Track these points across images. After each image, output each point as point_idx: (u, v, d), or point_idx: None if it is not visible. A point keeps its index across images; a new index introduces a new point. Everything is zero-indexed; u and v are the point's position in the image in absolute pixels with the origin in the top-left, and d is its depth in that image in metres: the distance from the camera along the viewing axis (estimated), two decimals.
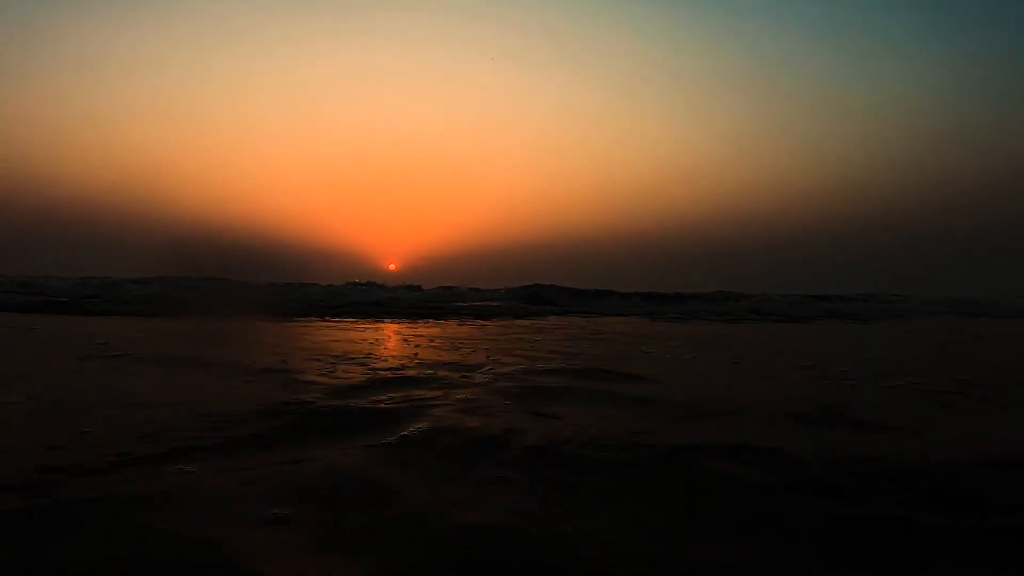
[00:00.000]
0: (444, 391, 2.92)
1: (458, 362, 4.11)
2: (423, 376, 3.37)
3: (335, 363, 3.86)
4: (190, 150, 27.96)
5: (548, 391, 2.99)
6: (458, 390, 2.96)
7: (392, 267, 23.80)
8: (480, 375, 3.49)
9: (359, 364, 3.86)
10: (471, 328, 8.23)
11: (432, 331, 7.57)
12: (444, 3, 31.01)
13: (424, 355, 4.55)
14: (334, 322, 8.86)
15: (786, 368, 4.31)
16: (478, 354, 4.67)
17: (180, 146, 27.79)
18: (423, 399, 2.72)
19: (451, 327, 8.43)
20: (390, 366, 3.84)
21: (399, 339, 6.19)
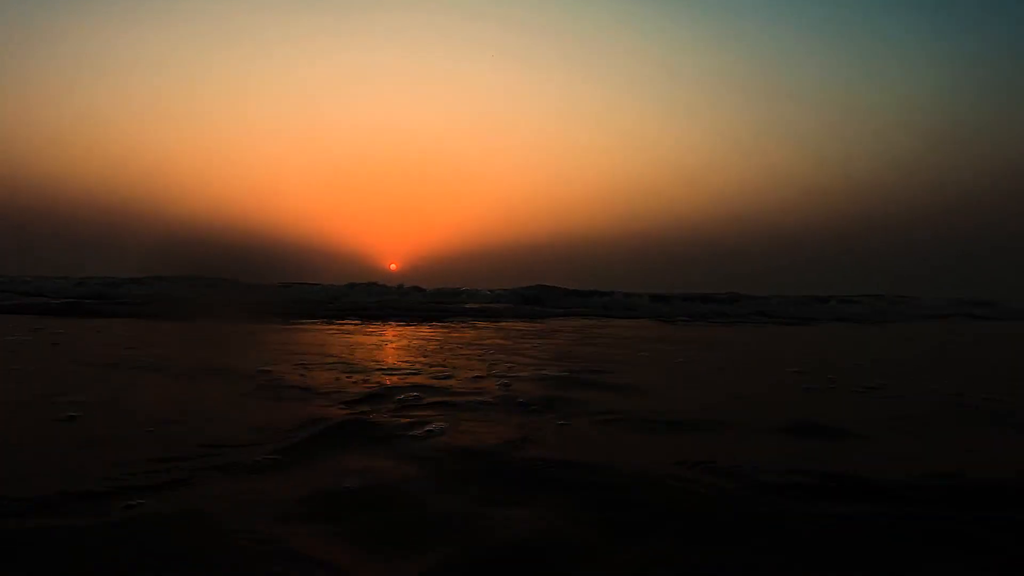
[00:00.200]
0: (454, 399, 3.01)
1: (464, 368, 4.21)
2: (434, 385, 3.44)
3: (347, 371, 3.93)
4: (190, 150, 28.26)
5: (562, 401, 3.05)
6: (466, 397, 3.05)
7: (393, 267, 23.95)
8: (488, 382, 3.59)
9: (369, 372, 3.95)
10: (474, 331, 8.32)
11: (436, 334, 7.67)
12: (444, 3, 31.11)
13: (430, 360, 4.64)
14: (338, 325, 8.96)
15: (773, 375, 4.32)
16: (483, 360, 4.76)
17: (180, 146, 28.10)
18: (435, 407, 2.81)
19: (455, 330, 8.54)
20: (399, 371, 3.95)
21: (404, 343, 6.28)
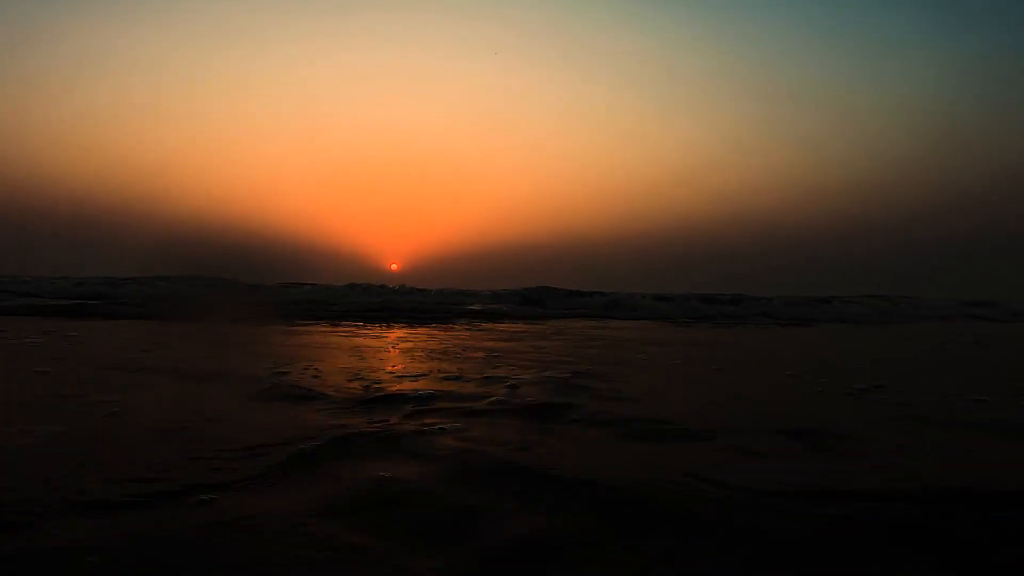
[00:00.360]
0: (462, 404, 3.03)
1: (470, 371, 4.25)
2: (442, 388, 3.47)
3: (357, 375, 3.96)
4: (190, 150, 28.34)
5: (566, 404, 3.06)
6: (474, 402, 3.07)
7: (394, 267, 23.98)
8: (494, 386, 3.62)
9: (378, 375, 3.98)
10: (478, 333, 8.37)
11: (440, 336, 7.71)
12: (444, 3, 31.18)
13: (436, 363, 4.67)
14: (343, 327, 8.95)
15: (774, 377, 4.32)
16: (487, 362, 4.80)
17: (180, 146, 28.20)
18: (444, 412, 2.83)
19: (458, 332, 8.59)
20: (407, 375, 3.99)
21: (410, 345, 6.29)
